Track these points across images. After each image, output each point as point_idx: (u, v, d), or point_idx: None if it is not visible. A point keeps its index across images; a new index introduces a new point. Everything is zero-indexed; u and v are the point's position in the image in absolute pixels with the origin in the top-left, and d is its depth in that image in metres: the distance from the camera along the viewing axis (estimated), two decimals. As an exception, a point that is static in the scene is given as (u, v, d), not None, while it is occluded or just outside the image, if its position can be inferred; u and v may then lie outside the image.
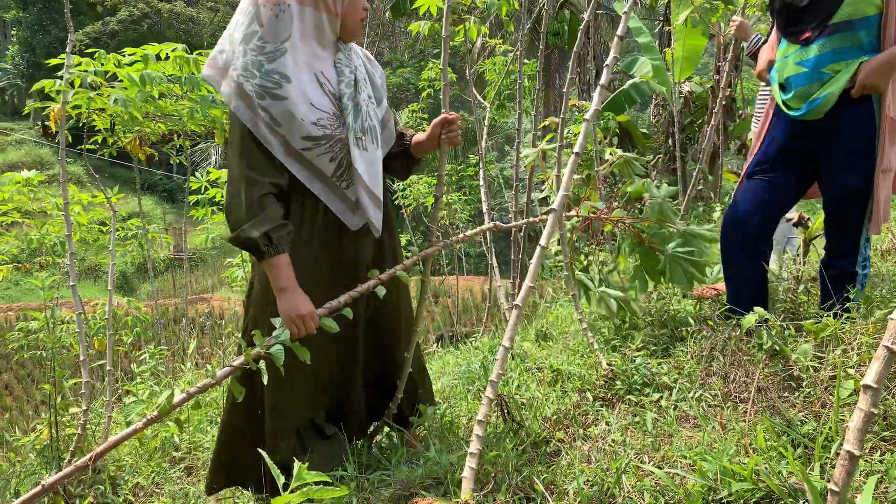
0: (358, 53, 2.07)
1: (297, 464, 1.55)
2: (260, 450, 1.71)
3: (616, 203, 2.91)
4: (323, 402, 2.12)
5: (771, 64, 2.54)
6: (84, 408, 2.74)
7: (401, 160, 2.26)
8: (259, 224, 1.80)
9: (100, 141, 3.73)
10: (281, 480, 1.27)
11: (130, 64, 2.95)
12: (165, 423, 3.03)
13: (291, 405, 2.03)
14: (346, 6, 1.92)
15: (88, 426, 2.82)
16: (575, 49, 3.24)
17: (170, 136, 3.86)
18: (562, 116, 3.26)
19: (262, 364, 1.77)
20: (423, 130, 2.22)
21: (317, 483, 1.27)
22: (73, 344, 3.38)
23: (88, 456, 1.81)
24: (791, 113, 2.34)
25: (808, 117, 2.30)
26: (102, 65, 2.82)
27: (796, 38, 2.32)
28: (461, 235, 2.39)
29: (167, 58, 3.00)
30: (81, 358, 2.78)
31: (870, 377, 1.16)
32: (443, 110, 2.22)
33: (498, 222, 2.56)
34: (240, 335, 2.13)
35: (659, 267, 2.71)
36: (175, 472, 2.84)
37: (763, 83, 2.75)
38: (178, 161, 5.42)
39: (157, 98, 3.06)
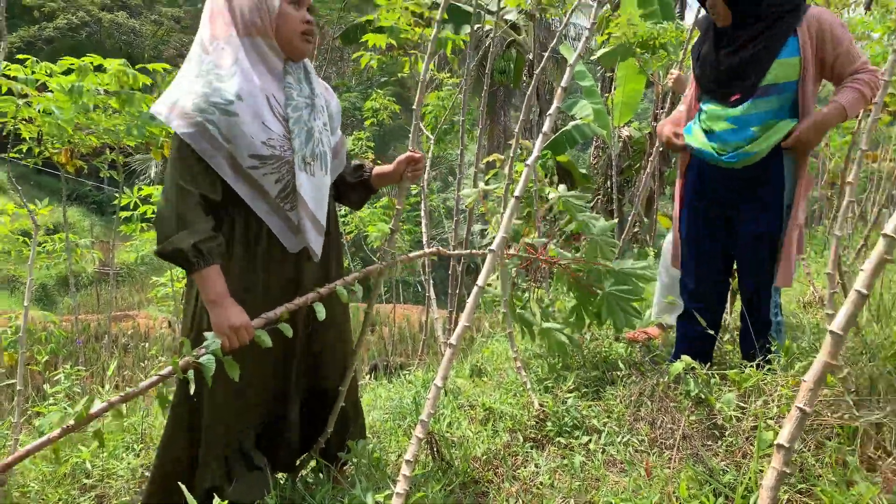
0: (318, 81, 2.09)
1: (216, 499, 1.49)
2: (179, 483, 1.65)
3: (555, 241, 2.95)
4: (251, 421, 2.05)
5: (678, 135, 2.62)
6: (-12, 431, 2.56)
7: (359, 191, 2.29)
8: (188, 236, 1.77)
9: (25, 150, 3.55)
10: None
11: (65, 73, 2.82)
12: (77, 448, 2.86)
13: (218, 425, 1.96)
14: (273, 19, 1.90)
15: (-9, 451, 2.63)
16: (528, 94, 3.30)
17: (101, 149, 3.70)
18: (511, 156, 3.31)
19: (190, 374, 1.71)
20: (368, 158, 2.23)
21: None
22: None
23: (-9, 475, 1.69)
24: (723, 158, 2.41)
25: (736, 165, 2.39)
26: (33, 73, 2.69)
27: (726, 100, 2.42)
28: (403, 257, 2.36)
29: (104, 70, 2.89)
30: (-11, 377, 2.61)
31: (783, 437, 1.19)
32: (409, 148, 2.26)
33: (440, 247, 2.55)
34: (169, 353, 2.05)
35: (594, 306, 2.75)
36: (85, 500, 2.66)
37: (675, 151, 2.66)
38: (109, 175, 5.22)
39: (91, 110, 2.94)
